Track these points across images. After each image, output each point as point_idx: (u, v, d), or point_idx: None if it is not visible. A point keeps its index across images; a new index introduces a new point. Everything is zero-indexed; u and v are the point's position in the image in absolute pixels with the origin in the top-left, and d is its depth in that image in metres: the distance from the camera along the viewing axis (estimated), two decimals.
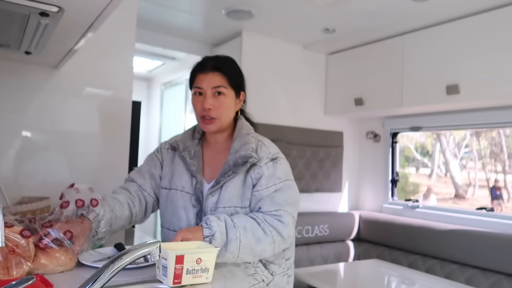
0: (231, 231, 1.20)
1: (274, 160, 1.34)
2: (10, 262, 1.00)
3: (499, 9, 2.15)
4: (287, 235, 1.27)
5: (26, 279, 0.68)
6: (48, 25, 1.14)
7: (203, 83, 1.33)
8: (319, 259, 2.94)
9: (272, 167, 1.32)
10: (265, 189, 1.29)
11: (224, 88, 1.33)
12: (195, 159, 1.40)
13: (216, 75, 1.33)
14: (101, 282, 0.72)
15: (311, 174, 3.11)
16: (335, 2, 2.22)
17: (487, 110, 2.49)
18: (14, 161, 1.82)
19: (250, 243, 1.21)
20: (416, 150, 5.44)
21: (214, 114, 1.32)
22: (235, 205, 1.31)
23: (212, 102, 1.32)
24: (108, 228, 1.30)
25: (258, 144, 1.36)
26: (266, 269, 1.34)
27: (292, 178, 1.37)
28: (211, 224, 1.19)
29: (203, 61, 1.39)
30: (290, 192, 1.32)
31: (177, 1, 2.38)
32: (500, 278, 2.23)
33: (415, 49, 2.56)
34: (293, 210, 1.31)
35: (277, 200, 1.29)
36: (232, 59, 1.44)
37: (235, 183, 1.31)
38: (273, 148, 1.38)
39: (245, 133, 1.37)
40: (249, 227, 1.23)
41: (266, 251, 1.25)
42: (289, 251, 1.42)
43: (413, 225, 2.73)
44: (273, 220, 1.26)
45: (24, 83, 1.84)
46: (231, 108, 1.36)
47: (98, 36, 1.88)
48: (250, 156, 1.29)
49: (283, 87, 3.01)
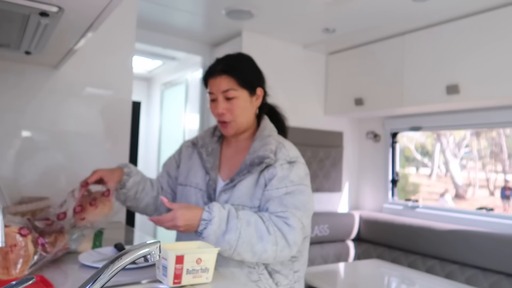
0: (232, 221, 1.16)
1: (292, 163, 1.30)
2: (10, 262, 1.00)
3: (499, 9, 2.15)
4: (292, 240, 1.20)
5: (26, 279, 0.68)
6: (48, 25, 1.14)
7: (213, 88, 1.32)
8: (319, 259, 2.94)
9: (287, 169, 1.28)
10: (275, 189, 1.25)
11: (233, 91, 1.30)
12: (211, 156, 1.40)
13: (224, 78, 1.30)
14: (101, 282, 0.72)
15: (311, 174, 3.05)
16: (335, 1, 2.22)
17: (487, 110, 2.49)
18: (14, 161, 1.82)
19: (251, 239, 1.17)
20: (416, 150, 5.44)
21: (228, 118, 1.31)
22: (244, 203, 1.27)
23: (224, 106, 1.30)
24: (135, 189, 1.42)
25: (279, 146, 1.32)
26: (271, 278, 1.29)
27: (307, 184, 1.31)
28: (212, 208, 1.17)
29: (212, 64, 1.36)
30: (302, 198, 1.26)
31: (177, 1, 2.38)
32: (500, 278, 2.23)
33: (415, 49, 2.56)
34: (302, 215, 1.24)
35: (286, 202, 1.24)
36: (244, 56, 1.41)
37: (247, 182, 1.28)
38: (293, 151, 1.34)
39: (267, 135, 1.34)
40: (253, 221, 1.19)
41: (267, 252, 1.18)
42: (299, 263, 1.36)
43: (413, 225, 2.73)
44: (278, 221, 1.21)
45: (24, 83, 1.84)
46: (246, 109, 1.33)
47: (98, 36, 1.89)
48: (267, 157, 1.27)
49: (283, 87, 3.01)
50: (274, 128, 1.40)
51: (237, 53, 1.40)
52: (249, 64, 1.39)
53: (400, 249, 2.80)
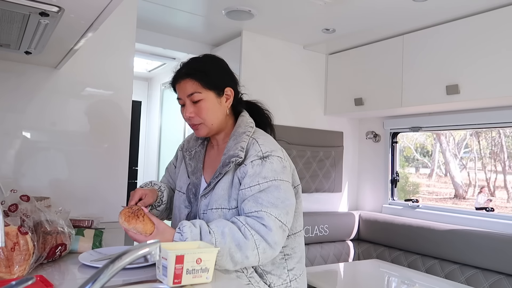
0: (205, 237, 1.12)
1: (264, 158, 1.23)
2: (13, 261, 1.00)
3: (499, 9, 2.15)
4: (272, 240, 1.15)
5: (26, 279, 0.68)
6: (48, 25, 1.14)
7: (180, 92, 1.32)
8: (319, 259, 2.94)
9: (258, 165, 1.22)
10: (248, 188, 1.20)
11: (198, 93, 1.27)
12: (194, 160, 1.40)
13: (188, 81, 1.28)
14: (101, 282, 0.72)
15: (311, 174, 3.10)
16: (335, 1, 2.22)
17: (487, 110, 2.49)
18: (14, 161, 1.82)
19: (229, 250, 1.12)
20: (416, 150, 5.44)
21: (196, 121, 1.30)
22: (222, 206, 1.25)
23: (191, 109, 1.29)
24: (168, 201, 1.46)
25: (251, 142, 1.27)
26: (262, 280, 1.26)
27: (283, 178, 1.23)
28: (183, 229, 1.13)
29: (177, 69, 1.36)
30: (277, 193, 1.20)
31: (177, 1, 2.38)
32: (500, 278, 2.23)
33: (415, 49, 2.56)
34: (279, 213, 1.18)
35: (261, 201, 1.18)
36: (209, 57, 1.38)
37: (223, 184, 1.26)
38: (267, 146, 1.27)
39: (241, 132, 1.30)
40: (227, 231, 1.13)
41: (249, 258, 1.14)
42: (293, 261, 1.33)
43: (413, 225, 2.73)
44: (254, 223, 1.15)
45: (24, 83, 1.84)
46: (214, 110, 1.30)
47: (98, 36, 1.89)
48: (235, 155, 1.23)
49: (283, 87, 3.01)
50: (252, 123, 1.35)
51: (202, 55, 1.39)
52: (214, 65, 1.35)
53: (400, 249, 2.80)
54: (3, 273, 1.00)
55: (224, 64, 1.38)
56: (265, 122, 1.44)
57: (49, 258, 1.19)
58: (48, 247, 1.17)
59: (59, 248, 1.21)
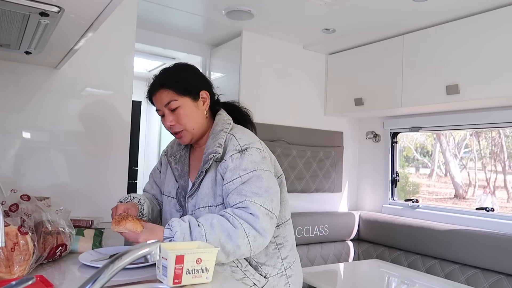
0: (195, 230, 1.14)
1: (243, 151, 1.25)
2: (13, 261, 1.01)
3: (499, 9, 2.15)
4: (261, 227, 1.16)
5: (26, 279, 0.68)
6: (48, 25, 1.14)
7: (157, 104, 1.35)
8: (319, 259, 2.94)
9: (238, 159, 1.24)
10: (230, 182, 1.23)
11: (174, 101, 1.31)
12: (179, 164, 1.43)
13: (163, 92, 1.32)
14: (101, 282, 0.72)
15: (311, 174, 3.10)
16: (335, 1, 2.22)
17: (487, 110, 2.49)
18: (14, 161, 1.82)
19: (220, 240, 1.13)
20: (416, 150, 5.44)
21: (178, 128, 1.34)
22: (209, 204, 1.28)
23: (171, 118, 1.33)
24: (148, 211, 1.46)
25: (228, 137, 1.30)
26: (257, 272, 1.29)
27: (264, 168, 1.25)
28: (172, 224, 1.15)
29: (151, 83, 1.38)
30: (260, 183, 1.21)
31: (177, 1, 2.38)
32: (500, 278, 2.23)
33: (415, 49, 2.56)
34: (264, 200, 1.19)
35: (244, 192, 1.20)
36: (179, 65, 1.41)
37: (207, 182, 1.29)
38: (245, 139, 1.29)
39: (218, 130, 1.33)
40: (216, 222, 1.15)
41: (240, 248, 1.15)
42: (286, 249, 1.36)
43: (413, 225, 2.73)
44: (241, 213, 1.17)
45: (24, 83, 1.84)
46: (193, 114, 1.33)
47: (98, 36, 1.89)
48: (213, 152, 1.27)
49: (283, 87, 3.01)
50: (230, 120, 1.38)
51: (172, 65, 1.42)
52: (185, 72, 1.39)
53: (400, 249, 2.80)
54: (3, 273, 1.00)
55: (195, 69, 1.42)
56: (245, 119, 1.48)
57: (49, 258, 1.19)
58: (49, 247, 1.17)
59: (60, 248, 1.21)
